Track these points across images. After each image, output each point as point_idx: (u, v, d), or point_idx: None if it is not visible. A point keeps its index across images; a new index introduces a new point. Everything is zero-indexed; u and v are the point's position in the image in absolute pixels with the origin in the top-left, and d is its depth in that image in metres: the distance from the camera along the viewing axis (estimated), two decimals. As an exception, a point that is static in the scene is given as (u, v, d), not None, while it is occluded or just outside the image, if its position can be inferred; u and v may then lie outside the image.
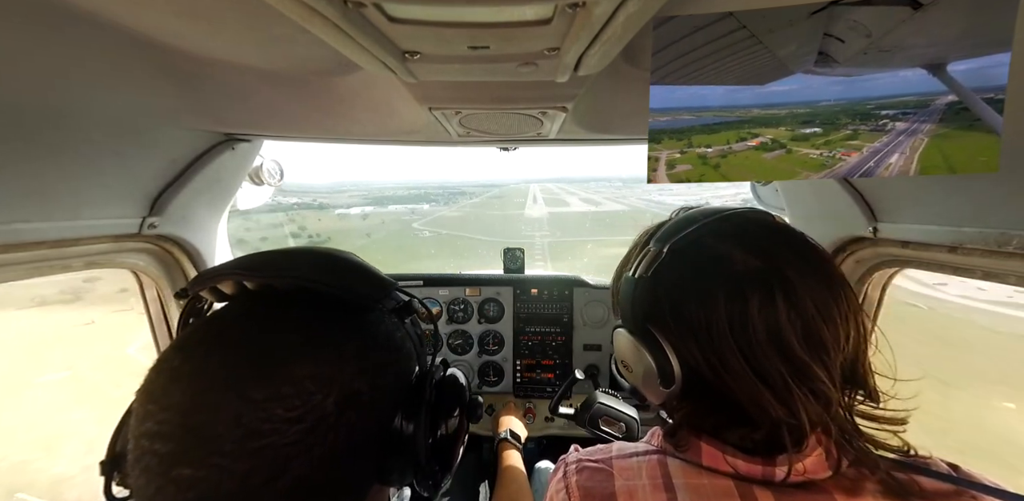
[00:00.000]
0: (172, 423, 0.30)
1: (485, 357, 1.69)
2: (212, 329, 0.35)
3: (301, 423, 0.31)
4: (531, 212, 76.24)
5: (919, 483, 0.43)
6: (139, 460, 0.30)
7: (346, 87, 0.70)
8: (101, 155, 0.84)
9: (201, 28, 0.48)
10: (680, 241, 0.49)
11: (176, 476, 0.29)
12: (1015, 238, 0.68)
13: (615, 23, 0.39)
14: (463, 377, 0.49)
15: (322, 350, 0.34)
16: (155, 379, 0.33)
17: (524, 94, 0.70)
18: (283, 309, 0.37)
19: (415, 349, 0.44)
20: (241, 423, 0.30)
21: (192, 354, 0.33)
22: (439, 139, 1.10)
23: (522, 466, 1.16)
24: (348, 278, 0.40)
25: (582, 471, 0.51)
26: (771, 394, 0.42)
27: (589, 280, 1.70)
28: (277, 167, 1.40)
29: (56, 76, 0.60)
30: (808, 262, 0.46)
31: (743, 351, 0.43)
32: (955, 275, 0.86)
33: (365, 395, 0.36)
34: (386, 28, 0.41)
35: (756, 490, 0.44)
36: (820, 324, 0.43)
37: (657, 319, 0.49)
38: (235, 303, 0.39)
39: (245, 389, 0.31)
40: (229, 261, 0.41)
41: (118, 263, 1.07)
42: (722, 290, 0.44)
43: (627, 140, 1.17)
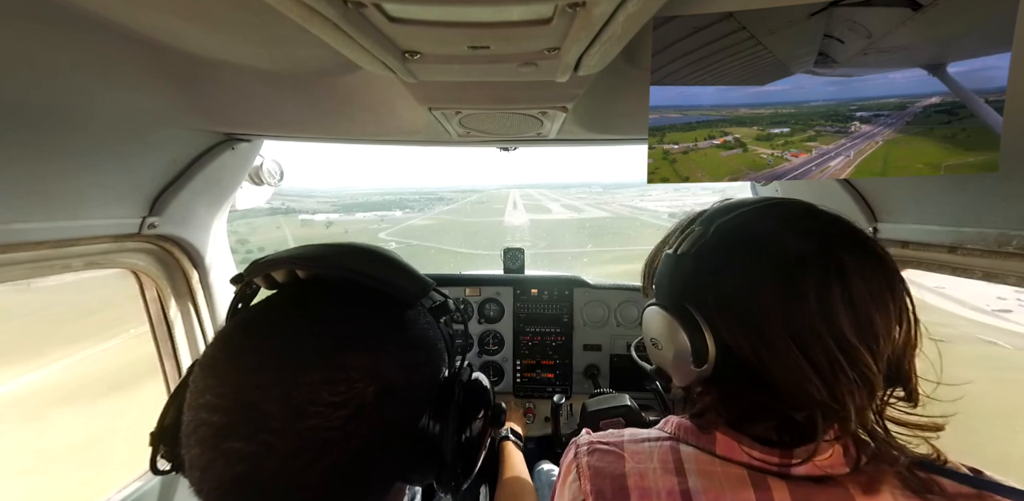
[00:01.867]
0: (228, 397, 0.31)
1: (485, 357, 1.69)
2: (271, 313, 0.38)
3: (344, 409, 0.32)
4: (511, 219, 70.07)
5: (939, 483, 0.42)
6: (196, 430, 0.32)
7: (346, 87, 0.70)
8: (101, 155, 0.84)
9: (201, 28, 0.48)
10: (727, 222, 0.48)
11: (227, 449, 0.31)
12: (1015, 238, 0.68)
13: (615, 23, 0.39)
14: (486, 380, 0.49)
15: (368, 341, 0.36)
16: (216, 355, 0.34)
17: (524, 94, 0.70)
18: (334, 299, 0.39)
19: (446, 349, 0.45)
20: (291, 403, 0.31)
21: (252, 334, 0.35)
22: (439, 139, 1.10)
23: (524, 464, 1.16)
24: (393, 274, 0.42)
25: (593, 452, 0.51)
26: (817, 377, 0.41)
27: (589, 280, 1.70)
28: (277, 167, 1.40)
29: (56, 76, 0.60)
30: (864, 249, 0.45)
31: (792, 332, 0.42)
32: (955, 275, 0.86)
33: (401, 390, 0.37)
34: (386, 28, 0.41)
35: (771, 480, 0.43)
36: (873, 312, 0.42)
37: (696, 298, 0.48)
38: (289, 290, 0.41)
39: (297, 371, 0.32)
40: (282, 251, 0.42)
41: (118, 263, 1.07)
42: (773, 271, 0.44)
43: (627, 140, 1.17)
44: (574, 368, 1.67)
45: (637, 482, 0.46)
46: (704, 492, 0.43)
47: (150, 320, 1.22)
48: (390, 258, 0.43)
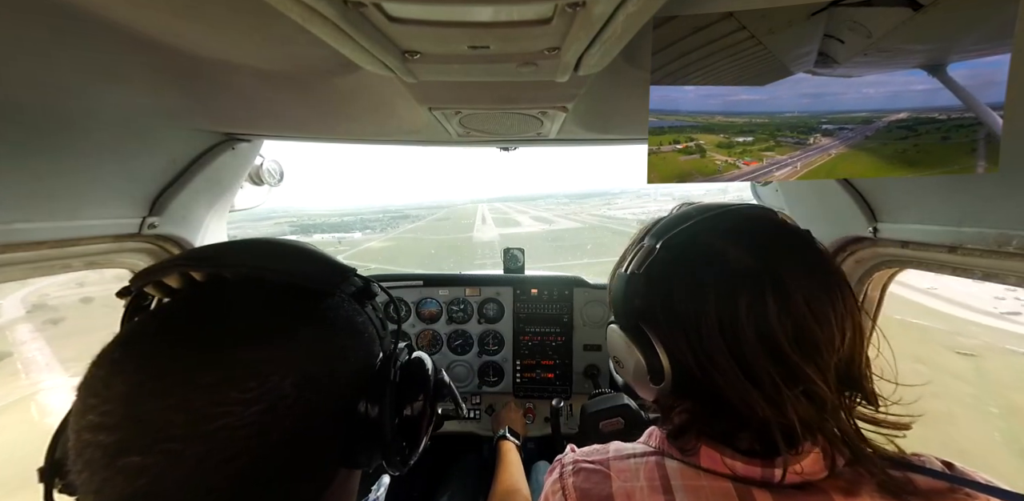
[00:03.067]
0: (116, 414, 0.29)
1: (485, 357, 1.69)
2: (156, 320, 0.35)
3: (258, 403, 0.31)
4: (481, 235, 64.66)
5: (914, 481, 0.43)
6: (81, 454, 0.30)
7: (346, 87, 0.70)
8: (101, 155, 0.84)
9: (201, 28, 0.48)
10: (674, 237, 0.48)
11: (124, 465, 0.29)
12: (1015, 238, 0.68)
13: (615, 23, 0.39)
14: (428, 359, 0.49)
15: (276, 335, 0.34)
16: (96, 372, 0.32)
17: (524, 94, 0.70)
18: (233, 297, 0.36)
19: (377, 333, 0.44)
20: (192, 408, 0.30)
21: (135, 345, 0.32)
22: (439, 139, 1.10)
23: (520, 463, 1.16)
24: (301, 265, 0.40)
25: (579, 472, 0.51)
26: (759, 394, 0.42)
27: (589, 280, 1.69)
28: (277, 167, 1.40)
29: (56, 76, 0.60)
30: (804, 260, 0.45)
31: (732, 350, 0.43)
32: (954, 275, 0.86)
33: (324, 377, 0.36)
34: (386, 28, 0.41)
35: (755, 492, 0.43)
36: (813, 325, 0.42)
37: (648, 316, 0.49)
38: (182, 295, 0.38)
39: (192, 375, 0.30)
40: (175, 255, 0.40)
41: (118, 263, 1.07)
42: (712, 288, 0.44)
43: (627, 140, 1.17)
44: (574, 368, 1.67)
45: None
46: None
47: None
48: (298, 248, 0.42)
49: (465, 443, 1.65)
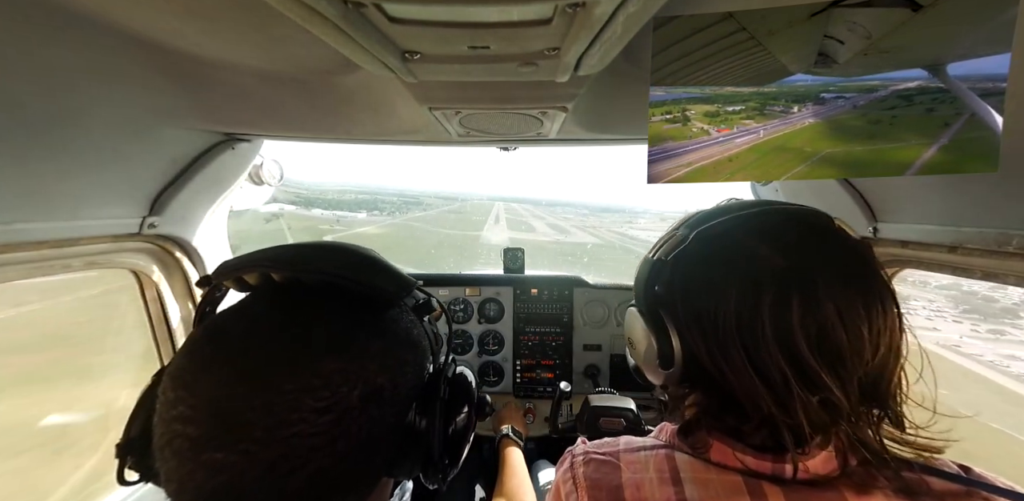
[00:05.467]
0: (203, 409, 0.31)
1: (485, 357, 1.69)
2: (244, 320, 0.36)
3: (328, 414, 0.32)
4: (490, 235, 57.78)
5: (929, 483, 0.42)
6: (170, 443, 0.31)
7: (346, 87, 0.70)
8: (101, 155, 0.84)
9: (201, 28, 0.48)
10: (708, 229, 0.48)
11: (207, 460, 0.30)
12: (1015, 238, 0.68)
13: (615, 23, 0.39)
14: (471, 375, 0.50)
15: (349, 346, 0.35)
16: (186, 366, 0.33)
17: (524, 94, 0.70)
18: (312, 304, 0.37)
19: (431, 347, 0.44)
20: (272, 411, 0.31)
21: (224, 344, 0.34)
22: (439, 139, 1.10)
23: (523, 462, 1.16)
24: (374, 275, 0.41)
25: (589, 463, 0.51)
26: (768, 392, 0.42)
27: (589, 280, 1.70)
28: (277, 167, 1.40)
29: (56, 76, 0.60)
30: (844, 268, 0.44)
31: (747, 347, 0.43)
32: (955, 275, 0.86)
33: (387, 390, 0.36)
34: (386, 28, 0.41)
35: (765, 486, 0.43)
36: (840, 333, 0.41)
37: (668, 303, 0.49)
38: (263, 295, 0.40)
39: (276, 380, 0.31)
40: (254, 252, 0.41)
41: (118, 263, 1.07)
42: (736, 283, 0.44)
43: (627, 140, 1.17)
44: (574, 368, 1.67)
45: (634, 493, 0.46)
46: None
47: (150, 320, 1.22)
48: (369, 258, 0.43)
49: None
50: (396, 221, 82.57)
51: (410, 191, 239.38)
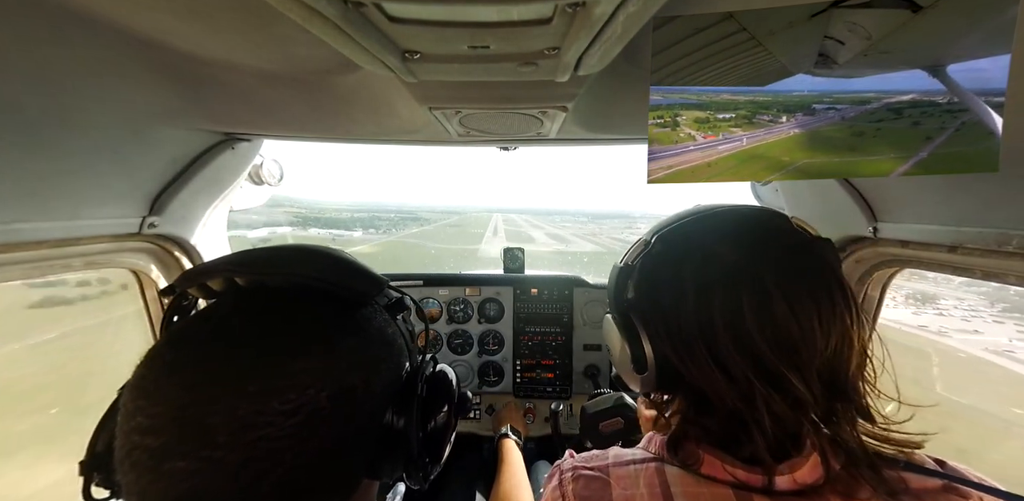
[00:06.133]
0: (164, 417, 0.30)
1: (485, 357, 1.69)
2: (206, 325, 0.35)
3: (296, 416, 0.31)
4: (489, 248, 56.48)
5: (906, 481, 0.43)
6: (129, 455, 0.30)
7: (346, 87, 0.70)
8: (101, 155, 0.84)
9: (201, 28, 0.48)
10: (668, 232, 0.50)
11: (169, 469, 0.29)
12: (1015, 238, 0.68)
13: (615, 23, 0.39)
14: (452, 372, 0.49)
15: (316, 346, 0.35)
16: (146, 374, 0.32)
17: (524, 94, 0.70)
18: (278, 306, 0.37)
19: (406, 345, 0.44)
20: (236, 415, 0.30)
21: (185, 349, 0.33)
22: (439, 139, 1.10)
23: (522, 462, 1.17)
24: (342, 275, 0.41)
25: (578, 479, 0.51)
26: (731, 387, 0.43)
27: (589, 280, 1.70)
28: (277, 167, 1.40)
29: (56, 76, 0.60)
30: (793, 263, 0.45)
31: (707, 343, 0.44)
32: (955, 275, 0.86)
33: (359, 390, 0.36)
34: (386, 28, 0.41)
35: (755, 499, 0.44)
36: (792, 325, 0.42)
37: (636, 306, 0.51)
38: (227, 300, 0.39)
39: (241, 382, 0.31)
40: (218, 258, 0.40)
41: (118, 263, 1.07)
42: (692, 281, 0.45)
43: (627, 140, 1.17)
44: (574, 368, 1.67)
45: None
46: None
47: (150, 320, 1.22)
48: (337, 258, 0.42)
49: (465, 443, 1.66)
50: (391, 238, 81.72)
51: (408, 206, 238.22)
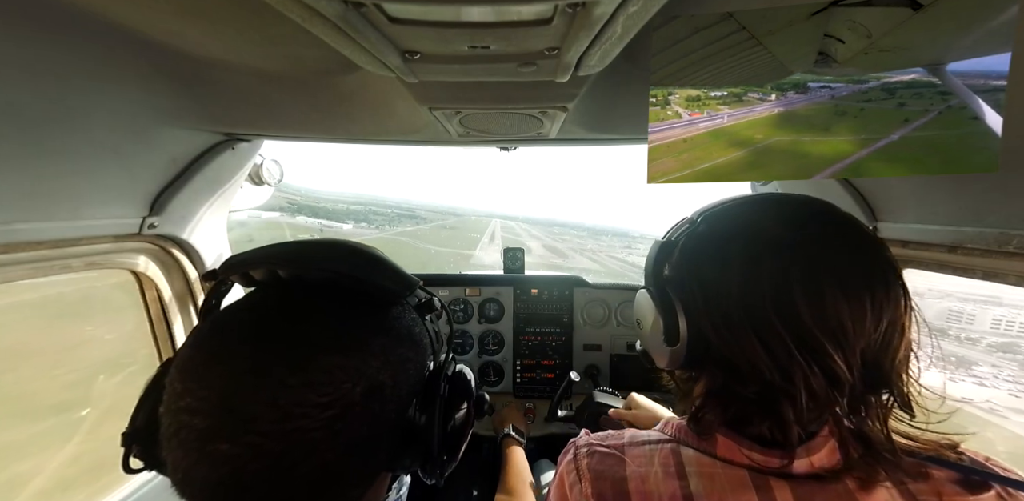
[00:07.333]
0: (211, 401, 0.31)
1: (485, 357, 1.69)
2: (250, 315, 0.37)
3: (330, 409, 0.33)
4: (483, 255, 53.17)
5: (929, 472, 0.42)
6: (177, 433, 0.32)
7: (346, 87, 0.70)
8: (101, 155, 0.84)
9: (201, 28, 0.48)
10: (717, 212, 0.51)
11: (212, 451, 0.31)
12: (1015, 238, 0.68)
13: (615, 23, 0.39)
14: (470, 373, 0.50)
15: (352, 343, 0.36)
16: (194, 357, 0.34)
17: (524, 94, 0.70)
18: (316, 301, 0.38)
19: (431, 345, 0.45)
20: (278, 405, 0.31)
21: (231, 338, 0.35)
22: (439, 139, 1.10)
23: (525, 461, 1.17)
24: (377, 273, 0.42)
25: (593, 455, 0.51)
26: (769, 358, 0.42)
27: (589, 280, 1.70)
28: (277, 167, 1.40)
29: (56, 76, 0.60)
30: (848, 241, 0.44)
31: (750, 315, 0.43)
32: (955, 275, 0.86)
33: (388, 387, 0.37)
34: (386, 28, 0.41)
35: (772, 481, 0.43)
36: (842, 303, 0.41)
37: (674, 280, 0.51)
38: (268, 291, 0.41)
39: (281, 374, 0.32)
40: (260, 248, 0.42)
41: (118, 263, 1.07)
42: (740, 250, 0.45)
43: (627, 140, 1.17)
44: (574, 368, 1.67)
45: (638, 486, 0.46)
46: (706, 496, 0.43)
47: (150, 320, 1.22)
48: (373, 256, 0.43)
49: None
50: (383, 235, 79.37)
51: (407, 203, 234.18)
